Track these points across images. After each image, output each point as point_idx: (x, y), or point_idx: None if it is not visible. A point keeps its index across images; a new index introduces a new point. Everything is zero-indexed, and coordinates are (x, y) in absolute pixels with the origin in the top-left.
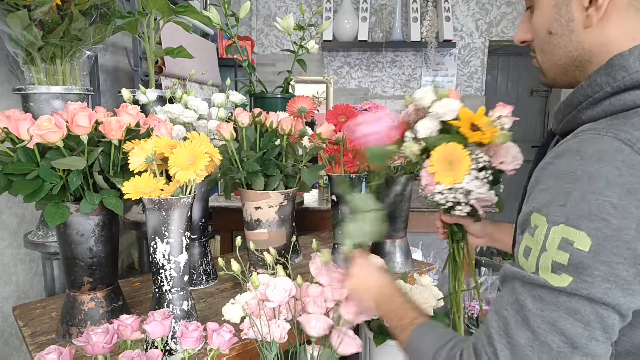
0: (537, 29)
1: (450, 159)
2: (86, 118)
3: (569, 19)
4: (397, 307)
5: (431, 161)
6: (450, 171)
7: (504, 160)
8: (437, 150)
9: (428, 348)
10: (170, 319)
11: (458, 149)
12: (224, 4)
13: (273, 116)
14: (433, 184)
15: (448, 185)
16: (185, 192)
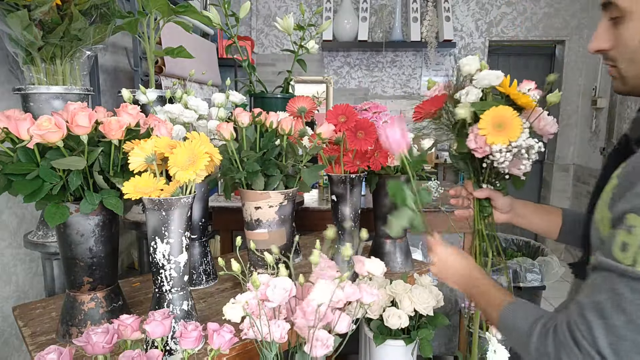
0: (626, 40)
1: (499, 122)
2: (86, 118)
3: None
4: (485, 289)
5: (482, 124)
6: (502, 132)
7: (546, 122)
8: (486, 114)
9: (522, 323)
10: (170, 319)
11: (508, 111)
12: (224, 4)
13: (273, 116)
14: (484, 145)
15: (504, 145)
16: (185, 192)
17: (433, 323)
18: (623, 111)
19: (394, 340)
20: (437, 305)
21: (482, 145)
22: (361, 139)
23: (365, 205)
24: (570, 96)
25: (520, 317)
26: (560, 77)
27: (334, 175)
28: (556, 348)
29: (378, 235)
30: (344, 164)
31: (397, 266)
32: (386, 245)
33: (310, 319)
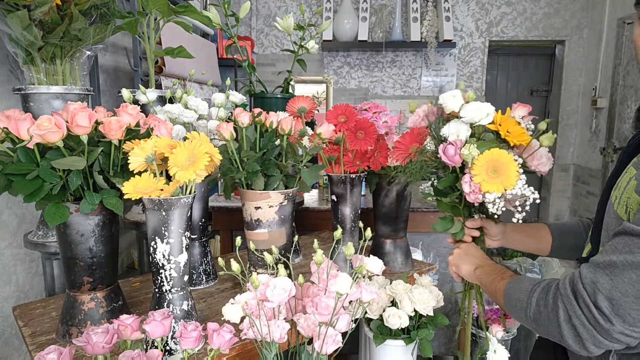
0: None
1: (494, 166)
2: (86, 118)
3: None
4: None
5: (475, 169)
6: (496, 178)
7: (540, 161)
8: (480, 158)
9: (526, 286)
10: (170, 319)
11: (503, 154)
12: (224, 4)
13: (273, 116)
14: (479, 192)
15: (499, 193)
16: (185, 192)
17: (433, 323)
18: (623, 111)
19: (394, 340)
20: (437, 305)
21: (477, 191)
22: (361, 139)
23: (365, 205)
24: (570, 96)
25: (525, 283)
26: (560, 77)
27: (334, 175)
28: (554, 300)
29: (378, 235)
30: (344, 164)
31: (397, 266)
32: (386, 245)
33: (325, 314)
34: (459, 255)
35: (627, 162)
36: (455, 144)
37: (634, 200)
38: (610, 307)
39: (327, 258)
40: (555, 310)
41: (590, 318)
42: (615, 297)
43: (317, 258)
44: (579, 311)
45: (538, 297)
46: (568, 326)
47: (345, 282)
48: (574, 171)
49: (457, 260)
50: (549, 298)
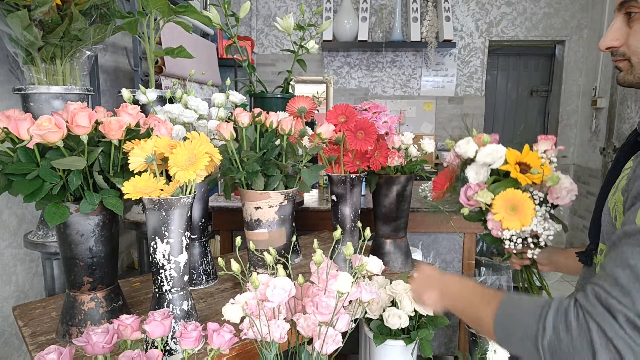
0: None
1: (512, 204)
2: (86, 118)
3: None
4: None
5: (495, 208)
6: (515, 215)
7: (558, 195)
8: (497, 197)
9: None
10: (170, 319)
11: (517, 194)
12: (224, 4)
13: (273, 116)
14: (500, 228)
15: (517, 230)
16: (185, 192)
17: (433, 323)
18: (623, 111)
19: (394, 340)
20: None
21: (498, 227)
22: (361, 139)
23: (365, 205)
24: (570, 96)
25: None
26: (560, 77)
27: (334, 175)
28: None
29: (378, 235)
30: (344, 164)
31: (397, 266)
32: (386, 245)
33: (325, 313)
34: (419, 281)
35: (623, 161)
36: (471, 187)
37: (619, 202)
38: None
39: (327, 258)
40: (585, 335)
41: (636, 336)
42: None
43: (316, 258)
44: (620, 331)
45: (555, 321)
46: (606, 351)
47: (346, 281)
48: (574, 171)
49: (417, 287)
50: (570, 322)
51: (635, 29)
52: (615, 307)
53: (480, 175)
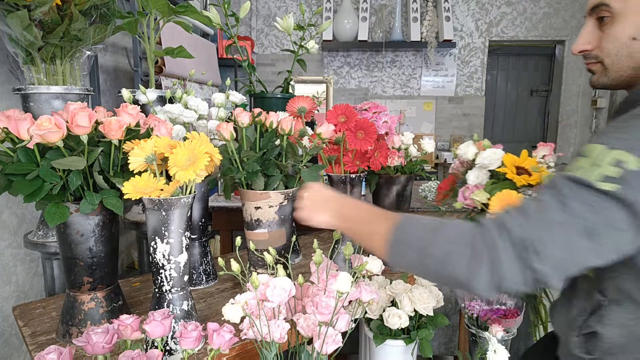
0: (618, 36)
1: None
2: (86, 118)
3: None
4: (367, 207)
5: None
6: None
7: None
8: (494, 197)
9: (429, 223)
10: (170, 319)
11: (512, 194)
12: (224, 4)
13: (273, 116)
14: None
15: None
16: (185, 192)
17: (433, 323)
18: None
19: (394, 340)
20: (437, 305)
21: None
22: (361, 139)
23: None
24: (570, 96)
25: (424, 222)
26: (560, 77)
27: (334, 175)
28: (473, 233)
29: None
30: (344, 164)
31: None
32: None
33: (325, 313)
34: (311, 200)
35: None
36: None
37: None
38: (540, 244)
39: (326, 258)
40: (469, 243)
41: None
42: (543, 235)
43: (316, 258)
44: (504, 242)
45: (450, 231)
46: (487, 261)
47: (346, 281)
48: None
49: (309, 207)
50: (465, 230)
51: (607, 32)
52: (509, 221)
53: (479, 178)
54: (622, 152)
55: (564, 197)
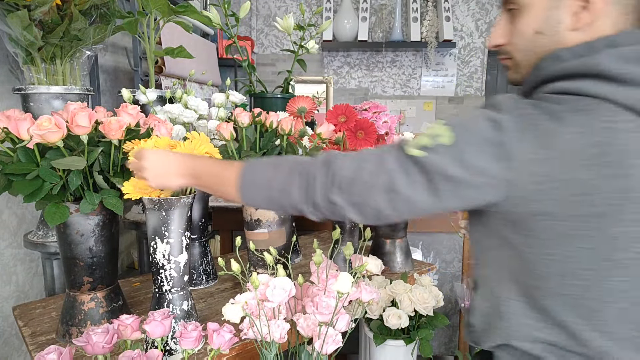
0: (523, 30)
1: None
2: (86, 118)
3: (558, 22)
4: (211, 160)
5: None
6: None
7: None
8: None
9: (267, 162)
10: (170, 319)
11: None
12: (224, 4)
13: (273, 116)
14: None
15: None
16: (185, 192)
17: (433, 323)
18: None
19: (394, 340)
20: (437, 305)
21: None
22: (361, 139)
23: None
24: None
25: (267, 159)
26: None
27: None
28: (305, 164)
29: (378, 235)
30: None
31: (397, 266)
32: (386, 245)
33: (325, 313)
34: (153, 167)
35: None
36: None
37: None
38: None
39: (326, 258)
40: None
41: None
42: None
43: (316, 258)
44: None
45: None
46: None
47: (346, 281)
48: None
49: (153, 174)
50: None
51: (515, 25)
52: (334, 159)
53: None
54: (445, 128)
55: (385, 152)
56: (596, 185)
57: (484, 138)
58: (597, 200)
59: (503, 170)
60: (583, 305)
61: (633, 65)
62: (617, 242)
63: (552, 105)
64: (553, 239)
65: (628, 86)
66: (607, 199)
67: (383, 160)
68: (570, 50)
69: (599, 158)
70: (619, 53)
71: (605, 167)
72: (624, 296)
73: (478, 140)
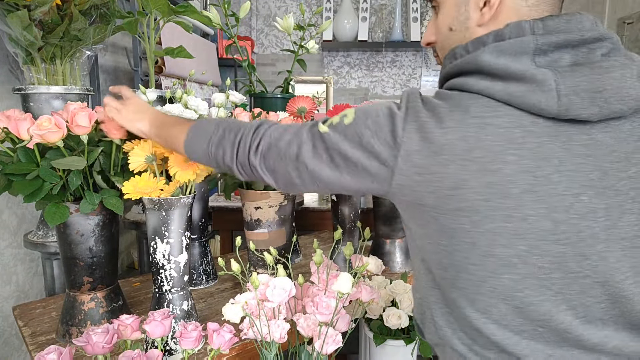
0: (440, 27)
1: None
2: (86, 118)
3: (466, 17)
4: (173, 117)
5: None
6: None
7: None
8: None
9: (214, 121)
10: (170, 319)
11: None
12: (224, 4)
13: (273, 116)
14: None
15: None
16: (185, 192)
17: None
18: None
19: (394, 340)
20: None
21: None
22: None
23: (365, 205)
24: None
25: (216, 119)
26: None
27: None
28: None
29: (378, 235)
30: None
31: (397, 266)
32: (386, 245)
33: (326, 313)
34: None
35: None
36: None
37: None
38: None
39: (327, 258)
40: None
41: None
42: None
43: (316, 258)
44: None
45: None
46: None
47: (346, 281)
48: None
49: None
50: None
51: (436, 23)
52: (264, 124)
53: None
54: (352, 111)
55: (304, 126)
56: (466, 180)
57: (379, 124)
58: (468, 195)
59: (392, 158)
60: (478, 300)
61: (507, 59)
62: (498, 238)
63: (436, 100)
64: (440, 231)
65: (502, 80)
66: (477, 194)
67: (299, 133)
68: (463, 47)
69: (469, 153)
70: (499, 47)
71: (473, 163)
72: (519, 295)
73: (374, 124)
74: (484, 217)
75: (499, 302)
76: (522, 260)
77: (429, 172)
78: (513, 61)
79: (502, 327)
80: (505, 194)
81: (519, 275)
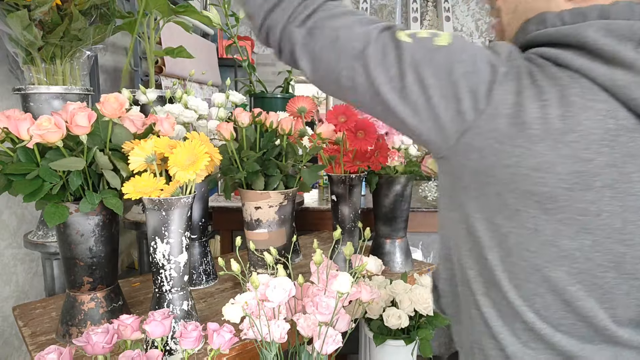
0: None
1: None
2: (85, 118)
3: None
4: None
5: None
6: None
7: None
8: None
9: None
10: (170, 319)
11: None
12: (224, 4)
13: (273, 116)
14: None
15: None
16: (185, 192)
17: (433, 323)
18: None
19: (394, 340)
20: None
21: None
22: (361, 139)
23: (365, 205)
24: None
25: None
26: None
27: (334, 175)
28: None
29: (378, 235)
30: (344, 164)
31: (397, 266)
32: (386, 245)
33: (326, 313)
34: None
35: None
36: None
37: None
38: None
39: (327, 258)
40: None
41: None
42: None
43: (316, 258)
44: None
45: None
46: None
47: (346, 281)
48: None
49: None
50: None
51: None
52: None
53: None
54: (448, 34)
55: (376, 25)
56: (552, 164)
57: (476, 66)
58: (550, 180)
59: (474, 111)
60: (524, 287)
61: (614, 41)
62: (565, 229)
63: (533, 67)
64: (499, 209)
65: (607, 64)
66: (561, 182)
67: (367, 26)
68: (557, 15)
69: (563, 136)
70: (607, 26)
71: (565, 146)
72: (571, 289)
73: (471, 63)
74: (559, 207)
75: (547, 293)
76: (584, 255)
77: (512, 144)
78: (619, 45)
79: (541, 318)
80: (589, 186)
81: (577, 270)
